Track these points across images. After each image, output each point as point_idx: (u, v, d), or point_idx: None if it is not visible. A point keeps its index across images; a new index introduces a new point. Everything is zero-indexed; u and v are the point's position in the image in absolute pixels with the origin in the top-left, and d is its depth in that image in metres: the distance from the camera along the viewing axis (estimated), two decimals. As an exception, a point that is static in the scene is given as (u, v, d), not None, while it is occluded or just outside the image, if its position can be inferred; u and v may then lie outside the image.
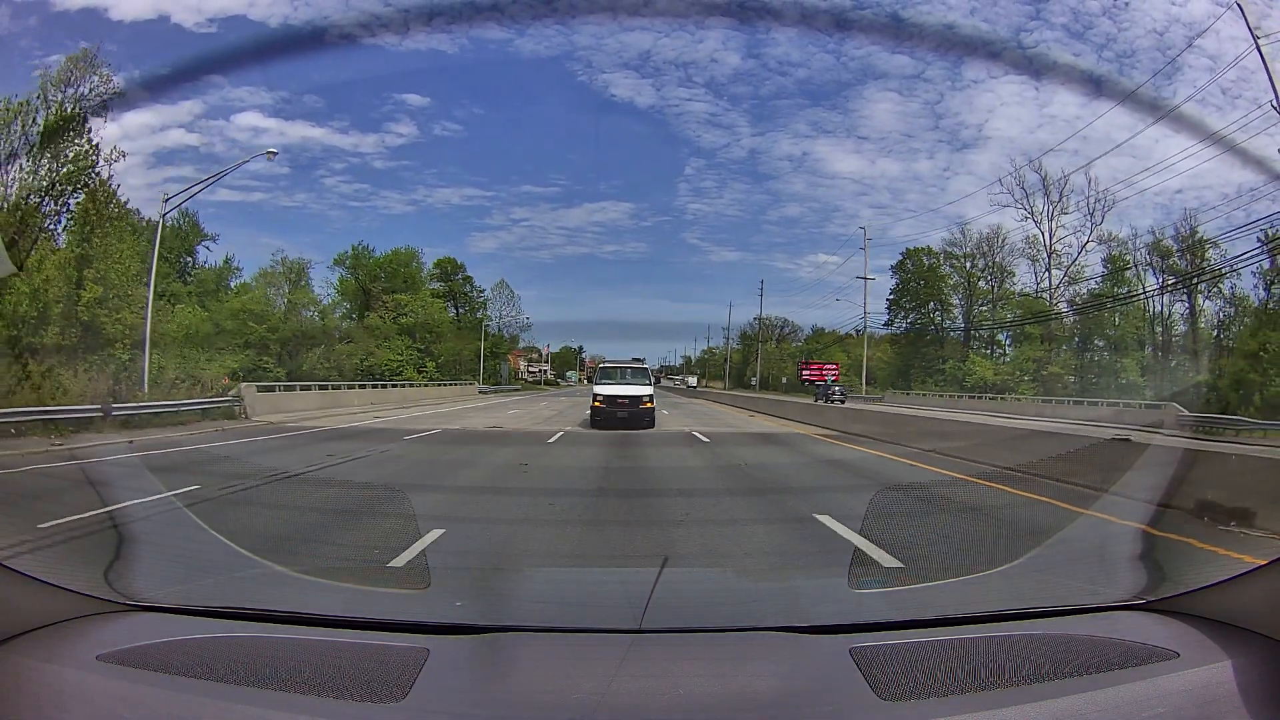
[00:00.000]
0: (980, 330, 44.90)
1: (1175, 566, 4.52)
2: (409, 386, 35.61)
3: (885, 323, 47.91)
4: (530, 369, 68.47)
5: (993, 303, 44.37)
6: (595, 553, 5.28)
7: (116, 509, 5.74)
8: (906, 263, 47.06)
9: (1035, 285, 42.49)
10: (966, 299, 45.68)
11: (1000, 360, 42.37)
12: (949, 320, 46.60)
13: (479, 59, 50.90)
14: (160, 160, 46.21)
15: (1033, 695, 1.19)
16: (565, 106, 60.12)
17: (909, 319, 47.35)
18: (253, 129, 51.79)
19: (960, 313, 46.16)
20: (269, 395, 21.51)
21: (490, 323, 50.97)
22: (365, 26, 33.51)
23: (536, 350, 67.78)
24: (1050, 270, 41.58)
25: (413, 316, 43.49)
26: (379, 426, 16.96)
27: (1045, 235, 41.51)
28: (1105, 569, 3.68)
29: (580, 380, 69.49)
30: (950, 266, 46.08)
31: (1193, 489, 6.39)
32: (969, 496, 7.51)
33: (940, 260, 46.32)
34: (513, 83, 64.09)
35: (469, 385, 42.78)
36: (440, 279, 49.02)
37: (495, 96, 60.49)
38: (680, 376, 76.96)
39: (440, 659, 1.32)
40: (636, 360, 19.50)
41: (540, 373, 70.61)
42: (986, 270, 44.72)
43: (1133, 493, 6.87)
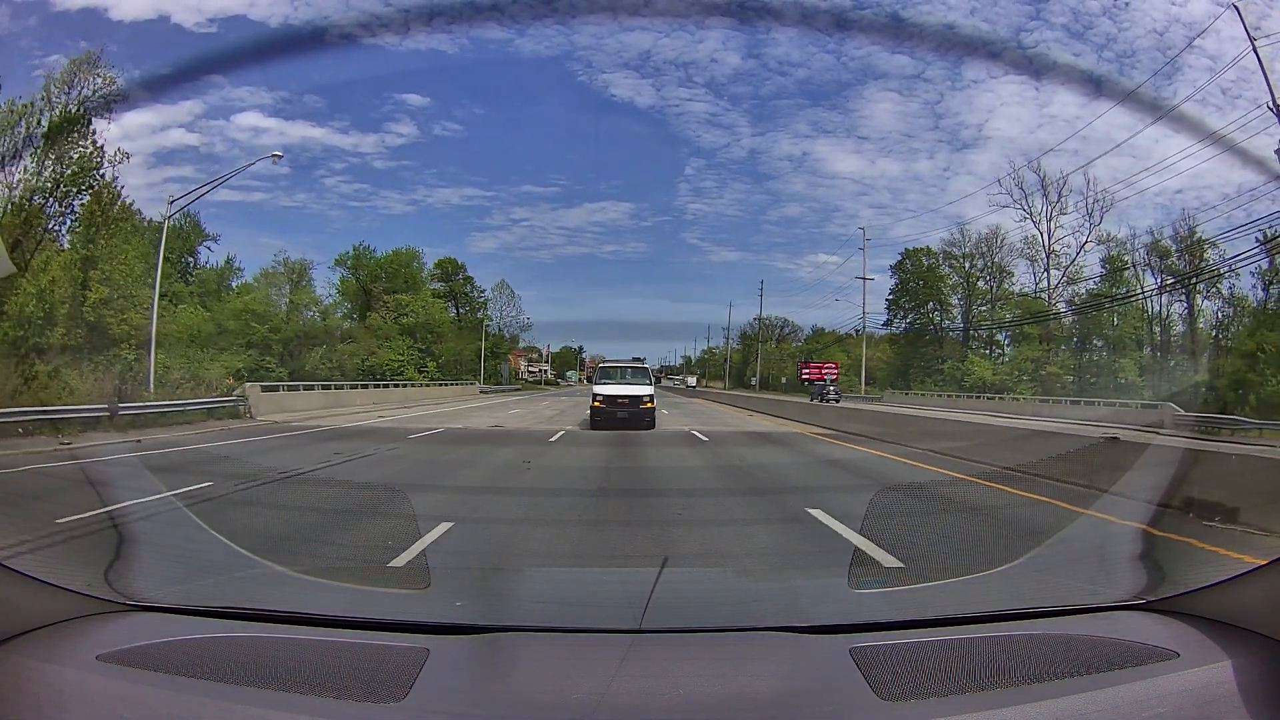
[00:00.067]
0: (979, 330, 44.92)
1: (1175, 566, 4.52)
2: (410, 386, 35.63)
3: (884, 323, 47.94)
4: (530, 369, 68.47)
5: (992, 303, 44.35)
6: (595, 552, 5.29)
7: (132, 505, 5.84)
8: (906, 263, 47.08)
9: (1034, 285, 42.56)
10: (965, 299, 45.67)
11: (999, 360, 42.37)
12: (948, 320, 46.66)
13: (479, 59, 50.90)
14: (160, 160, 46.27)
15: (1033, 695, 1.19)
16: (565, 106, 60.12)
17: (908, 319, 47.35)
18: (253, 129, 51.84)
19: (959, 313, 46.19)
20: (273, 395, 21.57)
21: (491, 323, 51.10)
22: (365, 26, 33.53)
23: (537, 350, 67.82)
24: (1049, 270, 41.64)
25: (414, 317, 43.50)
26: (382, 426, 17.02)
27: (1044, 236, 41.58)
28: (1105, 569, 3.67)
29: (580, 380, 69.44)
30: (949, 267, 46.07)
31: (1180, 487, 6.45)
32: (969, 496, 7.50)
33: (939, 260, 46.34)
34: (513, 83, 64.08)
35: (470, 385, 42.86)
36: (441, 279, 49.07)
37: (495, 96, 60.48)
38: (680, 376, 76.98)
39: (440, 659, 1.32)
40: (637, 360, 19.32)
41: (540, 373, 70.60)
42: (985, 270, 44.70)
43: (1129, 492, 6.87)
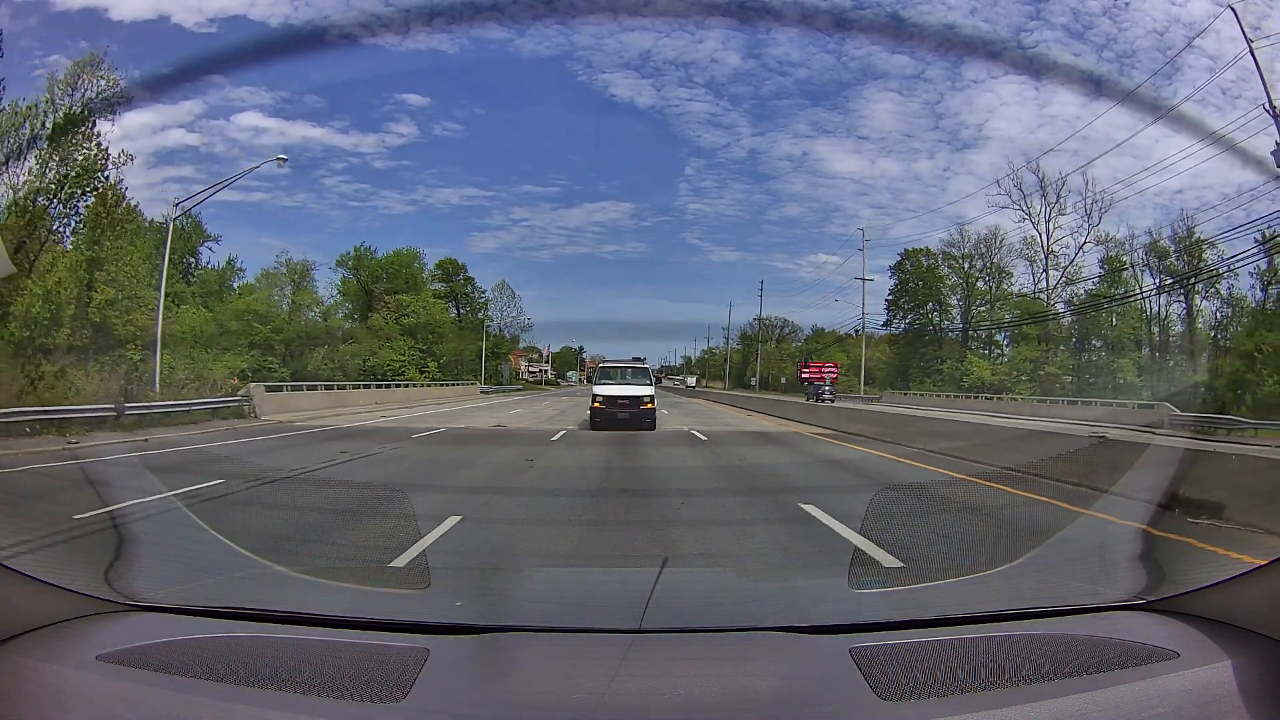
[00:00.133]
0: (978, 331, 44.93)
1: (1175, 566, 4.52)
2: (412, 387, 35.77)
3: (884, 323, 47.99)
4: (531, 369, 68.50)
5: (991, 303, 44.37)
6: (596, 551, 5.30)
7: (142, 502, 5.92)
8: (905, 263, 47.12)
9: (1033, 286, 42.62)
10: (965, 299, 45.69)
11: (998, 360, 42.42)
12: (947, 321, 46.70)
13: (479, 59, 50.89)
14: (160, 160, 46.34)
15: (1033, 695, 1.19)
16: (565, 106, 60.10)
17: (907, 319, 47.38)
18: (253, 129, 51.96)
19: (958, 313, 46.22)
20: (277, 395, 21.71)
21: (491, 323, 51.17)
22: (365, 26, 33.56)
23: (537, 350, 67.87)
24: (1047, 271, 41.68)
25: (415, 317, 43.61)
26: (385, 426, 17.11)
27: (1043, 236, 41.63)
28: (1105, 569, 3.67)
29: (580, 380, 69.45)
30: (949, 267, 46.10)
31: (1168, 485, 6.54)
32: (968, 496, 7.50)
33: (939, 261, 46.37)
34: (513, 83, 64.07)
35: (471, 385, 43.03)
36: (442, 279, 49.17)
37: (495, 96, 60.49)
38: (680, 376, 77.03)
39: (440, 659, 1.32)
40: (637, 360, 19.24)
41: (541, 373, 70.64)
42: (985, 271, 44.73)
43: (1127, 492, 6.87)
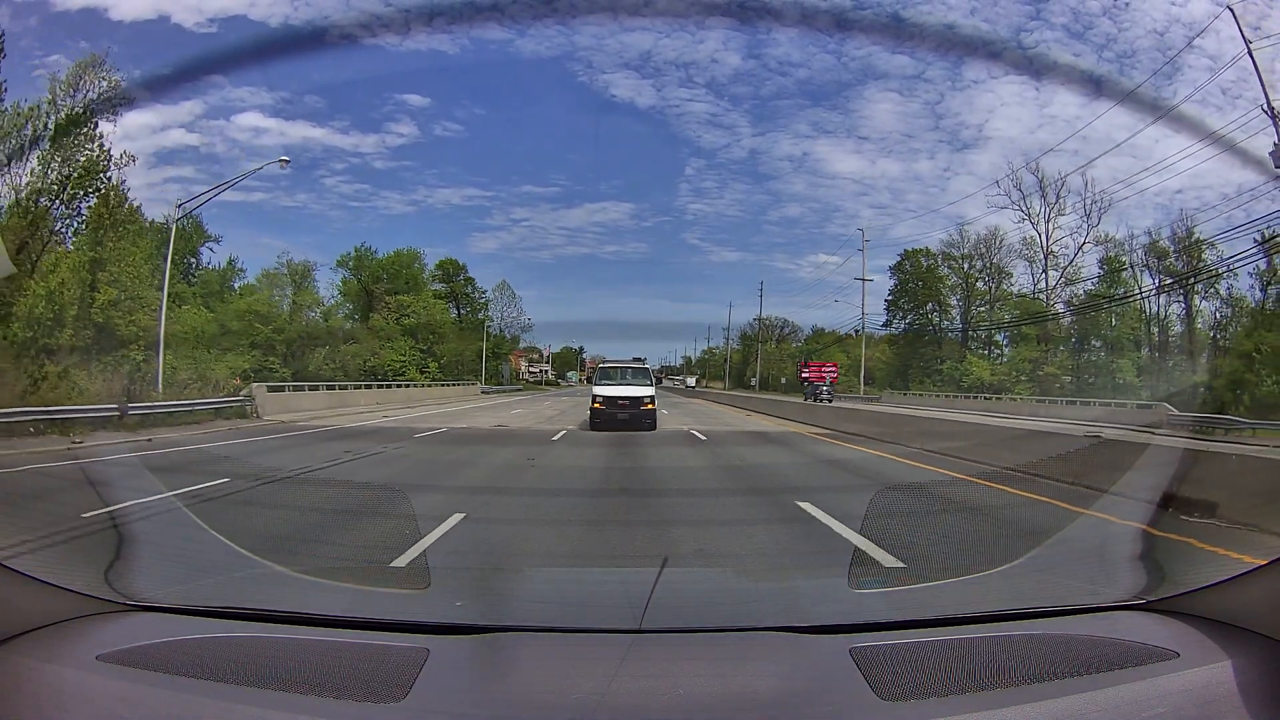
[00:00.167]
0: (977, 331, 44.93)
1: (1175, 566, 4.52)
2: (413, 387, 35.85)
3: (883, 323, 48.03)
4: (531, 369, 68.54)
5: (990, 303, 44.37)
6: (596, 551, 5.31)
7: (151, 500, 5.98)
8: (905, 264, 47.16)
9: (1032, 286, 42.65)
10: (964, 300, 45.71)
11: (997, 361, 42.42)
12: (947, 321, 46.71)
13: (479, 59, 50.91)
14: (161, 160, 46.29)
15: (1033, 695, 1.19)
16: (566, 107, 60.14)
17: (907, 320, 47.41)
18: (253, 129, 52.01)
19: (958, 313, 46.23)
20: (279, 395, 21.75)
21: (492, 324, 51.19)
22: (366, 27, 33.56)
23: (537, 351, 67.87)
24: (1047, 271, 41.72)
25: (415, 317, 43.65)
26: (387, 425, 17.17)
27: (1042, 237, 41.65)
28: (1105, 569, 3.66)
29: (581, 380, 69.47)
30: (948, 268, 46.13)
31: (1168, 485, 6.60)
32: (968, 496, 7.50)
33: (938, 261, 46.40)
34: (513, 83, 64.08)
35: (471, 385, 43.14)
36: (442, 280, 49.20)
37: (496, 97, 60.53)
38: (680, 377, 77.09)
39: (440, 659, 1.32)
40: (637, 360, 19.17)
41: (541, 373, 70.68)
42: (984, 271, 44.76)
43: (1126, 491, 6.87)
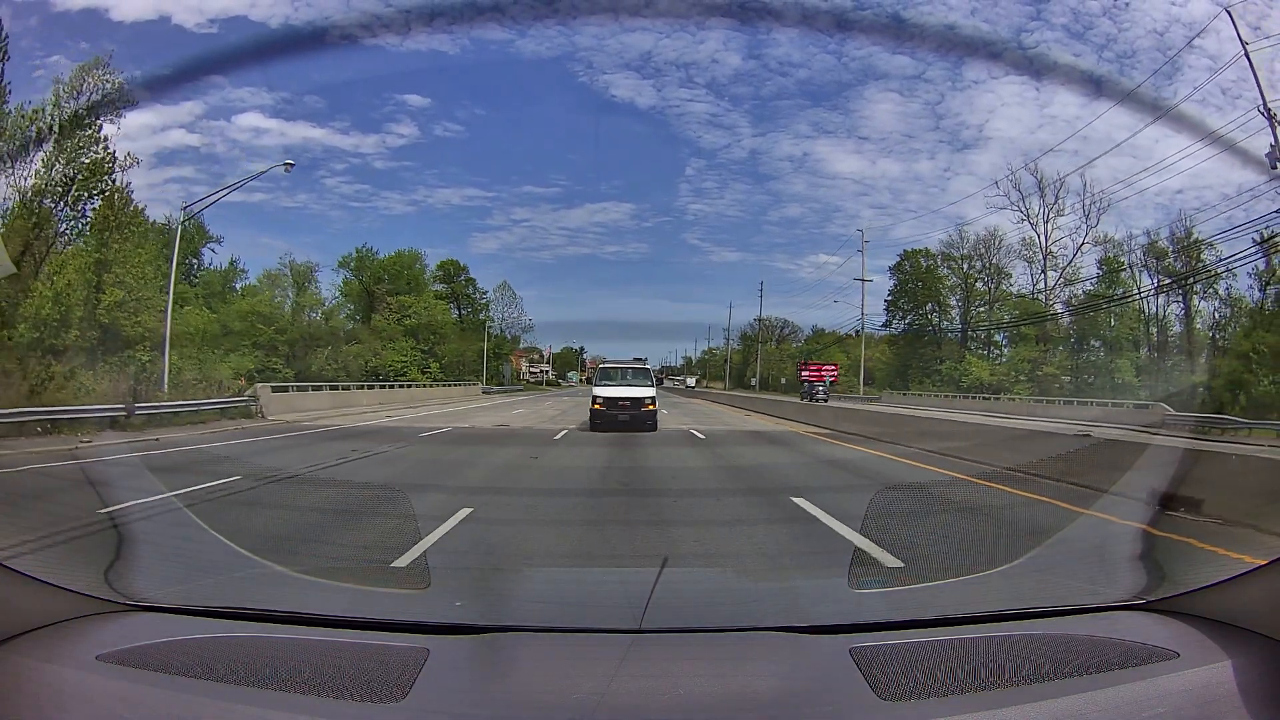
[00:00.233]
0: (977, 331, 44.94)
1: (1175, 566, 4.52)
2: (415, 387, 35.99)
3: (883, 324, 48.08)
4: (532, 370, 68.58)
5: (989, 304, 44.38)
6: (597, 551, 5.30)
7: (172, 495, 6.11)
8: (904, 264, 47.21)
9: (1031, 287, 42.68)
10: (963, 300, 45.75)
11: (996, 361, 42.45)
12: (946, 321, 46.73)
13: (480, 59, 50.93)
14: (161, 160, 46.25)
15: (1033, 695, 1.19)
16: (566, 107, 60.10)
17: (907, 320, 47.44)
18: (254, 129, 52.07)
19: (957, 314, 46.26)
20: (283, 395, 21.84)
21: (493, 324, 51.26)
22: (366, 27, 33.55)
23: (538, 351, 67.88)
24: (1045, 272, 41.79)
25: (416, 318, 43.77)
26: (391, 425, 17.25)
27: (1041, 237, 41.69)
28: (1105, 569, 3.66)
29: (581, 380, 69.48)
30: (948, 268, 46.17)
31: (1149, 480, 6.68)
32: (968, 496, 7.50)
33: (938, 262, 46.46)
34: (513, 83, 64.06)
35: (473, 386, 43.34)
36: (443, 280, 49.30)
37: (496, 97, 60.53)
38: (681, 377, 77.12)
39: (440, 659, 1.32)
40: (638, 360, 19.09)
41: (542, 374, 70.71)
42: (983, 272, 44.80)
43: (1127, 491, 6.88)
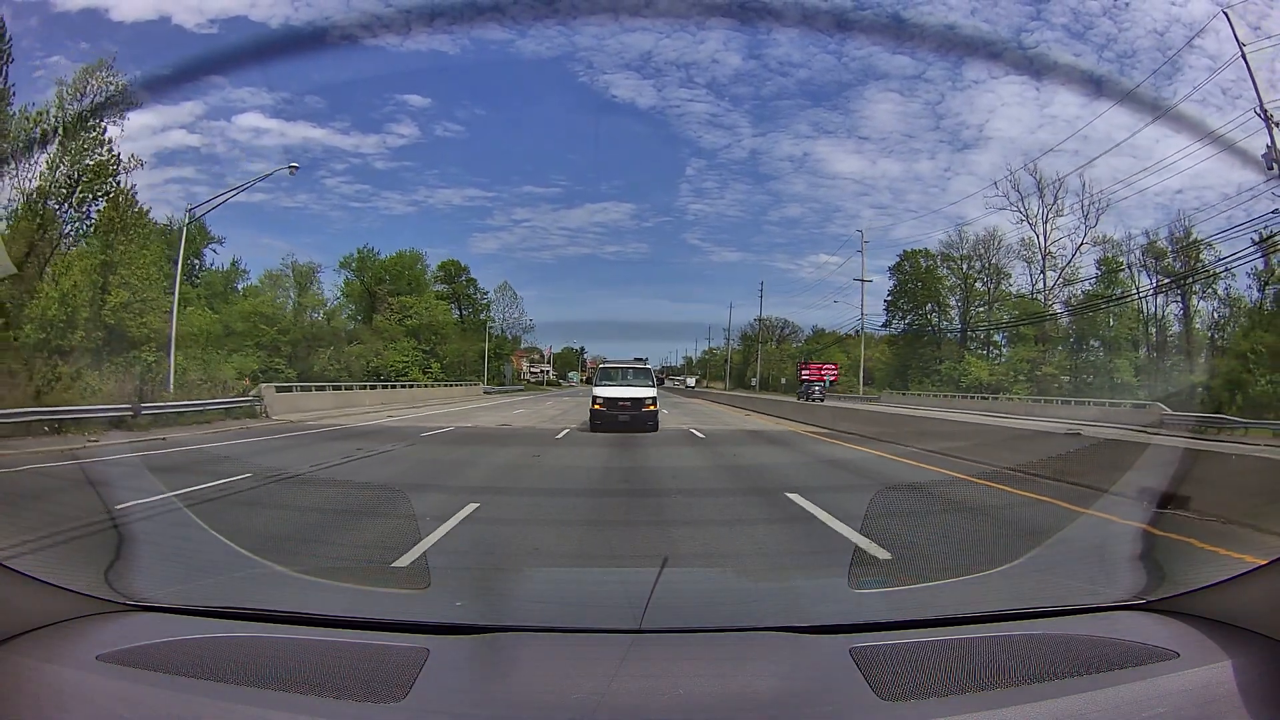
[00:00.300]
0: (976, 331, 44.96)
1: (1175, 566, 4.51)
2: (417, 387, 36.10)
3: (883, 324, 48.12)
4: (533, 370, 68.62)
5: (989, 304, 44.39)
6: (597, 550, 5.30)
7: (184, 493, 6.20)
8: (904, 264, 47.24)
9: (1030, 287, 42.69)
10: (963, 300, 45.78)
11: (995, 361, 42.46)
12: (946, 321, 46.74)
13: (480, 60, 50.98)
14: (162, 161, 46.37)
15: (1033, 695, 1.19)
16: (566, 107, 60.14)
17: (906, 320, 47.45)
18: (254, 130, 52.08)
19: (957, 314, 46.28)
20: (287, 395, 21.95)
21: (493, 324, 51.32)
22: (366, 27, 33.58)
23: (539, 351, 67.93)
24: (1045, 272, 41.82)
25: (418, 318, 43.83)
26: (394, 425, 17.31)
27: (1040, 237, 41.72)
28: (1105, 569, 3.66)
29: (582, 380, 69.48)
30: (947, 268, 46.21)
31: (1139, 478, 6.75)
32: (968, 496, 7.49)
33: (937, 262, 46.49)
34: (514, 83, 64.12)
35: (474, 386, 43.49)
36: (444, 281, 49.38)
37: (496, 97, 60.61)
38: (681, 377, 77.19)
39: (440, 659, 1.32)
40: (638, 360, 18.95)
41: (543, 374, 70.76)
42: (983, 272, 44.84)
43: (1127, 491, 6.88)
